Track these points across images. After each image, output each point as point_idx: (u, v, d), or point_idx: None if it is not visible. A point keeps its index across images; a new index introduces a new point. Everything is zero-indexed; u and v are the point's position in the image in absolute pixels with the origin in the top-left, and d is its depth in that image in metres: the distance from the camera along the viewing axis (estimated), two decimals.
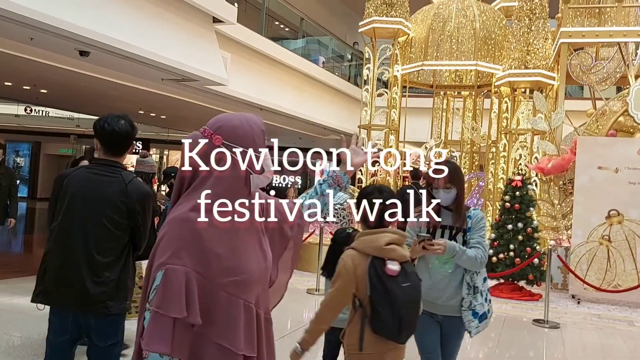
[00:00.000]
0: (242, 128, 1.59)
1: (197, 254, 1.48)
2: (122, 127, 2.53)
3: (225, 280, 1.50)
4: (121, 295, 2.49)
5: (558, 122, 8.25)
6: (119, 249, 2.51)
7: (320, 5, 18.86)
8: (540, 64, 8.74)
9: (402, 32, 9.75)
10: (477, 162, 11.53)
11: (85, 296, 2.42)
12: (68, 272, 2.46)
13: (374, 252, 2.25)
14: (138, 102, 13.14)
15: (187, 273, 1.45)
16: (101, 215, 2.46)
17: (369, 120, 9.92)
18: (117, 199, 2.47)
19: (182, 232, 1.50)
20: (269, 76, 12.50)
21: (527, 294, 7.23)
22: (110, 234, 2.47)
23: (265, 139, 1.63)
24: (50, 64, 8.97)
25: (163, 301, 1.44)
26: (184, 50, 8.98)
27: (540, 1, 8.85)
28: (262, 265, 1.62)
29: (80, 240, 2.46)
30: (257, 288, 1.59)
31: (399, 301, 2.20)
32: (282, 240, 1.78)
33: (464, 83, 11.55)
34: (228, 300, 1.51)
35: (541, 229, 7.75)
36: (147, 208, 2.58)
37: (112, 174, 2.52)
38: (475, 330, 2.76)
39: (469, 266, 2.72)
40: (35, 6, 6.35)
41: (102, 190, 2.48)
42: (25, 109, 17.73)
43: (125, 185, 2.50)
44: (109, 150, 2.56)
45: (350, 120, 14.66)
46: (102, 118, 2.57)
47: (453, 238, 2.78)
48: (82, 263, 2.44)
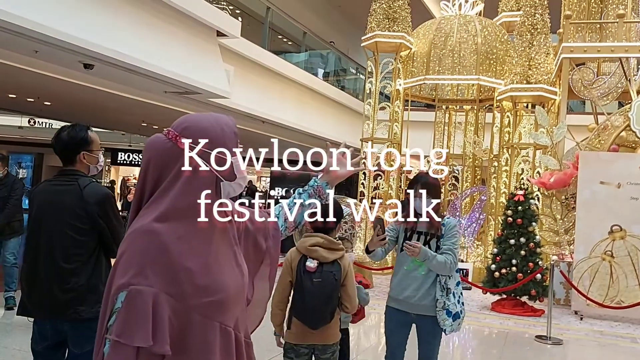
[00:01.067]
0: (212, 130, 1.42)
1: (165, 271, 1.28)
2: (60, 139, 2.66)
3: (200, 302, 1.31)
4: (92, 299, 2.53)
5: (560, 136, 8.25)
6: (85, 254, 2.57)
7: (323, 19, 18.99)
8: (542, 78, 8.77)
9: (404, 47, 9.81)
10: (479, 176, 11.53)
11: (54, 304, 2.51)
12: (37, 282, 2.57)
13: (303, 250, 2.81)
14: (141, 114, 13.19)
15: (155, 295, 1.25)
16: (62, 224, 2.54)
17: (371, 134, 9.94)
18: (75, 205, 2.55)
19: (146, 246, 1.29)
20: (271, 89, 12.57)
21: (530, 309, 7.18)
22: (74, 241, 2.54)
23: (238, 142, 1.47)
24: (54, 76, 9.02)
25: (125, 328, 1.23)
26: (188, 64, 9.03)
27: (541, 16, 8.90)
28: (239, 281, 1.45)
29: (46, 251, 2.56)
30: (234, 308, 1.42)
31: (306, 292, 2.71)
32: (257, 254, 1.62)
33: (466, 97, 11.58)
34: (203, 324, 1.33)
35: (543, 244, 7.71)
36: (107, 209, 2.62)
37: (69, 182, 2.61)
38: (450, 328, 3.02)
39: (439, 270, 3.02)
40: (40, 19, 6.40)
41: (60, 199, 2.58)
42: (29, 121, 17.83)
43: (81, 191, 2.57)
44: (61, 161, 2.70)
45: (352, 134, 14.68)
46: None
47: (427, 243, 3.09)
48: (48, 272, 2.54)
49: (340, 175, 1.77)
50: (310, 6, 18.37)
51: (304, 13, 16.95)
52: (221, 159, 1.41)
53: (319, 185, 1.75)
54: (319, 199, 1.75)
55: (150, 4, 8.33)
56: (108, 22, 7.54)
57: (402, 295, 3.09)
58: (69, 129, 2.68)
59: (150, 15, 8.40)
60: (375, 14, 9.72)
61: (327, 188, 1.76)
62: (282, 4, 14.37)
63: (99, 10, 7.42)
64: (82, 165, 2.68)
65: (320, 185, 1.75)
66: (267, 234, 1.66)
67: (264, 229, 1.66)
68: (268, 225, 1.67)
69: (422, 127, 11.96)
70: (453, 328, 3.03)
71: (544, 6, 8.96)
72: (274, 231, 1.67)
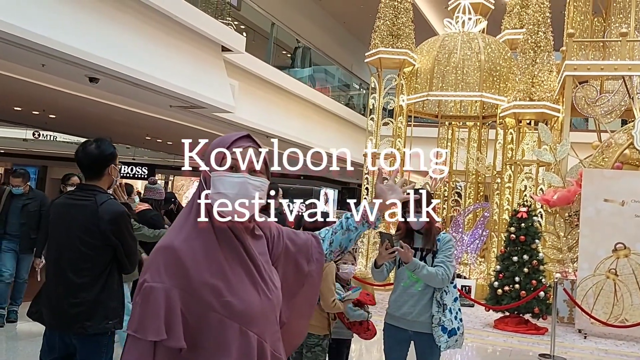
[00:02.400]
0: (212, 145, 1.46)
1: (181, 273, 1.31)
2: (88, 152, 2.64)
3: (216, 300, 1.32)
4: (100, 315, 2.53)
5: (563, 153, 8.25)
6: (96, 270, 2.57)
7: (327, 35, 19.14)
8: (545, 96, 8.80)
9: (407, 63, 9.86)
10: (482, 193, 11.51)
11: (63, 317, 2.52)
12: (49, 294, 2.60)
13: None
14: (145, 128, 13.25)
15: (168, 290, 1.28)
16: (75, 238, 2.56)
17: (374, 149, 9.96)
18: (88, 221, 2.56)
19: (166, 257, 1.34)
20: (275, 104, 12.63)
21: (533, 327, 7.12)
22: (85, 256, 2.55)
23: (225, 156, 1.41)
24: (60, 89, 9.09)
25: (140, 323, 1.27)
26: (193, 78, 9.10)
27: (545, 34, 8.96)
28: (267, 297, 1.42)
29: (57, 264, 2.59)
30: (260, 321, 1.39)
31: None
32: (298, 276, 1.57)
33: (469, 114, 11.61)
34: (220, 322, 1.32)
35: (547, 262, 7.67)
36: (121, 227, 2.62)
37: (87, 198, 2.61)
38: (445, 344, 2.99)
39: (430, 282, 3.01)
40: (48, 33, 6.47)
41: (76, 214, 2.60)
42: (34, 134, 17.91)
43: (97, 208, 2.57)
44: (85, 175, 2.69)
45: (355, 149, 14.72)
46: (81, 143, 2.72)
47: (423, 259, 3.09)
48: (59, 285, 2.56)
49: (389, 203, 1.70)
50: (315, 22, 18.53)
51: (308, 29, 17.09)
52: (207, 174, 1.43)
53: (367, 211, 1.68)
54: (367, 224, 1.67)
55: (156, 18, 8.42)
56: (114, 36, 7.62)
57: (400, 312, 3.09)
58: (96, 143, 2.67)
59: (156, 30, 8.49)
60: (379, 30, 9.80)
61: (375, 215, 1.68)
62: (286, 20, 14.51)
63: (105, 25, 7.49)
64: (108, 178, 2.70)
65: (368, 210, 1.68)
66: (310, 256, 1.60)
67: (307, 251, 1.60)
68: (311, 246, 1.61)
69: (425, 143, 11.97)
70: (449, 345, 3.01)
71: (547, 24, 9.02)
72: (318, 255, 1.61)
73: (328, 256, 1.65)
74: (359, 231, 1.67)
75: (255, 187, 1.41)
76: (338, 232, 1.66)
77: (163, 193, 5.27)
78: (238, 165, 1.41)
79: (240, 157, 1.41)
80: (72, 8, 7.01)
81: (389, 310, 3.18)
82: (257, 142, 1.46)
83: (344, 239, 1.66)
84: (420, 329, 3.04)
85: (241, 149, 1.42)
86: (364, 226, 1.67)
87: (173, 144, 16.52)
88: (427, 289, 3.06)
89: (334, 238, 1.66)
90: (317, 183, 23.35)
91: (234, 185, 1.39)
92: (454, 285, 3.13)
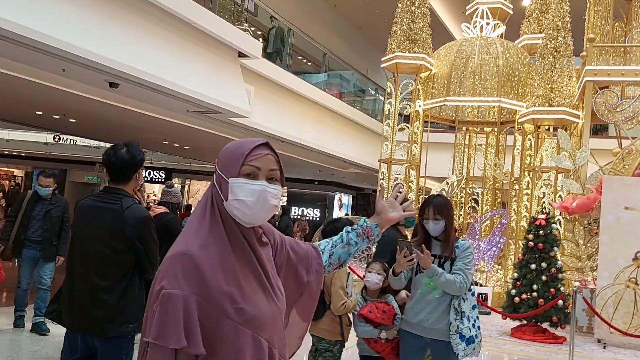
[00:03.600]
0: (227, 149, 1.45)
1: (195, 278, 1.31)
2: (120, 157, 2.65)
3: (231, 307, 1.33)
4: (121, 318, 2.54)
5: (583, 160, 8.14)
6: (119, 273, 2.58)
7: (343, 40, 19.18)
8: (564, 101, 8.70)
9: (424, 68, 9.82)
10: (500, 199, 11.40)
11: (85, 319, 2.54)
12: (72, 295, 2.61)
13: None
14: (163, 132, 13.38)
15: (186, 297, 1.29)
16: (99, 241, 2.57)
17: (390, 155, 9.92)
18: (114, 225, 2.58)
19: (182, 263, 1.34)
20: (290, 109, 12.67)
21: (551, 336, 7.02)
22: (109, 259, 2.56)
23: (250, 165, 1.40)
24: (80, 94, 9.22)
25: (161, 331, 1.28)
26: (210, 83, 9.17)
27: (564, 39, 8.86)
28: (275, 304, 1.44)
29: (82, 265, 2.60)
30: (270, 327, 1.41)
31: None
32: (297, 285, 1.60)
33: (487, 119, 11.52)
34: (234, 329, 1.33)
35: (565, 270, 7.56)
36: (145, 232, 2.63)
37: (113, 201, 2.63)
38: (463, 352, 2.96)
39: (447, 289, 2.98)
40: (69, 39, 6.57)
41: (101, 217, 2.61)
42: (54, 138, 18.19)
43: (122, 212, 2.59)
44: (113, 179, 2.70)
45: (370, 154, 14.70)
46: (109, 147, 2.72)
47: (441, 266, 3.05)
48: (82, 287, 2.57)
49: (391, 219, 1.72)
50: (330, 27, 18.58)
51: (324, 34, 17.15)
52: (223, 180, 1.41)
53: (368, 226, 1.70)
54: (367, 240, 1.70)
55: (175, 24, 8.51)
56: (134, 42, 7.72)
57: (416, 319, 3.05)
58: (127, 148, 2.68)
59: (175, 36, 8.58)
60: (396, 35, 9.78)
61: (377, 230, 1.71)
62: (302, 25, 14.57)
63: (125, 31, 7.59)
64: (134, 182, 2.72)
65: (369, 226, 1.70)
66: (310, 267, 1.63)
67: (307, 261, 1.62)
68: (311, 257, 1.64)
69: (442, 148, 11.91)
70: (467, 352, 2.97)
71: (566, 29, 8.92)
72: (317, 266, 1.63)
73: (327, 268, 1.66)
74: (358, 246, 1.69)
75: (272, 195, 1.43)
76: (338, 245, 1.69)
77: (180, 196, 5.30)
78: (257, 173, 1.41)
79: (259, 164, 1.41)
80: (93, 14, 7.11)
81: (405, 317, 3.16)
82: (273, 149, 1.47)
83: (343, 253, 1.68)
84: (437, 336, 3.01)
85: (260, 156, 1.42)
86: (364, 241, 1.69)
87: (190, 148, 16.65)
88: (444, 296, 3.03)
89: (333, 251, 1.68)
90: (332, 188, 23.35)
91: (253, 193, 1.39)
92: (472, 293, 3.09)
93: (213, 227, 1.39)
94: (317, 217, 22.04)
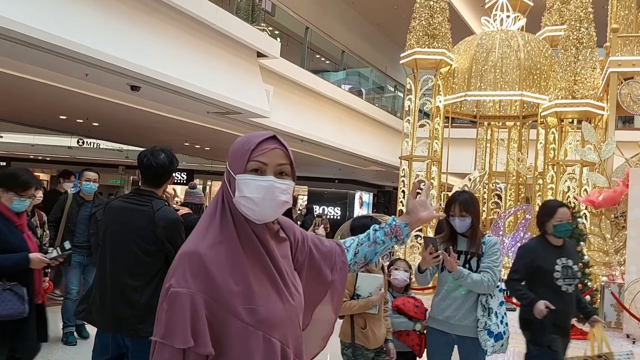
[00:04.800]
0: (235, 145, 1.41)
1: (206, 279, 1.29)
2: (160, 162, 2.69)
3: (241, 308, 1.30)
4: (151, 318, 2.53)
5: (608, 153, 7.99)
6: (149, 274, 2.61)
7: (361, 38, 19.12)
8: (588, 93, 8.54)
9: (444, 63, 9.74)
10: (523, 195, 11.26)
11: (116, 318, 2.58)
12: (103, 295, 2.65)
13: None
14: (184, 134, 13.51)
15: (193, 296, 1.26)
16: (130, 242, 2.61)
17: (411, 152, 9.86)
18: (145, 227, 2.61)
19: (191, 262, 1.32)
20: (310, 108, 12.68)
21: (578, 332, 6.88)
22: (140, 260, 2.60)
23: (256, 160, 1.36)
24: (103, 98, 9.36)
25: (167, 329, 1.25)
26: (229, 84, 9.22)
27: (587, 30, 8.70)
28: (290, 302, 1.39)
29: (113, 265, 2.64)
30: (283, 327, 1.36)
31: None
32: (321, 284, 1.54)
33: (509, 113, 11.38)
34: (244, 330, 1.30)
35: (592, 264, 7.43)
36: (174, 234, 2.66)
37: (144, 203, 2.67)
38: (492, 349, 2.94)
39: (475, 288, 2.95)
40: (91, 44, 6.67)
41: (132, 218, 2.64)
42: (78, 141, 18.48)
43: (153, 213, 2.62)
44: (147, 182, 2.73)
45: (391, 151, 14.63)
46: (146, 151, 2.74)
47: (468, 263, 3.03)
48: (114, 287, 2.61)
49: (422, 219, 1.65)
50: (348, 25, 18.54)
51: (342, 32, 17.12)
52: (231, 176, 1.38)
53: (397, 225, 1.63)
54: (395, 239, 1.63)
55: (194, 26, 8.57)
56: (154, 45, 7.80)
57: (443, 316, 3.04)
58: (165, 153, 2.71)
59: (193, 38, 8.64)
60: (415, 30, 9.70)
61: (406, 230, 1.64)
62: (320, 24, 14.56)
63: (145, 34, 7.68)
64: (166, 186, 2.78)
65: (398, 225, 1.63)
66: (334, 265, 1.57)
67: (331, 259, 1.57)
68: (335, 254, 1.58)
69: (464, 144, 11.81)
70: (495, 349, 2.95)
71: (589, 20, 8.76)
72: (341, 264, 1.58)
73: (352, 267, 1.61)
74: (385, 245, 1.63)
75: (281, 191, 1.37)
76: (364, 243, 1.63)
77: (203, 197, 5.34)
78: (264, 168, 1.36)
79: (266, 159, 1.36)
80: (113, 19, 7.21)
81: (431, 313, 3.15)
82: (282, 142, 1.41)
83: (369, 252, 1.63)
84: (463, 332, 2.99)
85: (267, 151, 1.37)
86: (391, 240, 1.63)
87: (211, 149, 16.79)
88: (470, 293, 3.01)
89: (359, 249, 1.63)
90: (352, 186, 23.30)
91: (260, 189, 1.34)
92: (500, 289, 3.06)
93: (223, 225, 1.36)
94: (337, 215, 22.02)
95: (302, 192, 27.49)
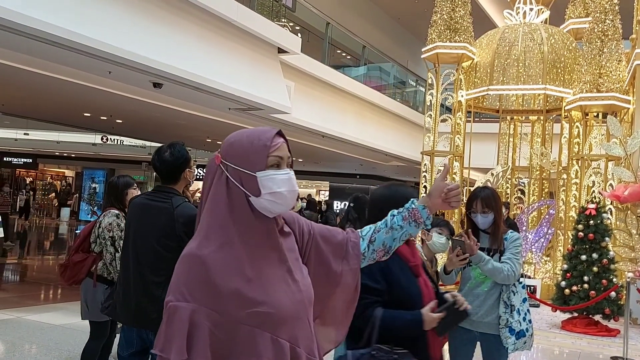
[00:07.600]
0: (239, 143, 1.39)
1: (207, 288, 1.28)
2: (164, 159, 2.71)
3: (245, 313, 1.28)
4: None
5: (635, 147, 7.84)
6: (170, 269, 2.60)
7: (382, 32, 19.02)
8: (613, 87, 8.38)
9: (466, 57, 9.64)
10: (547, 189, 11.11)
11: (140, 313, 2.63)
12: (127, 290, 2.70)
13: None
14: (206, 130, 13.63)
15: (193, 311, 1.27)
16: (152, 238, 2.65)
17: (432, 147, 9.80)
18: (165, 223, 2.65)
19: (190, 269, 1.32)
20: (331, 104, 12.68)
21: (604, 329, 6.81)
22: (161, 255, 2.64)
23: (274, 155, 1.37)
24: (126, 95, 9.50)
25: (165, 343, 1.27)
26: (251, 81, 9.28)
27: (612, 22, 8.53)
28: (298, 297, 1.36)
29: (136, 262, 2.69)
30: (291, 324, 1.33)
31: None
32: (330, 277, 1.48)
33: (532, 107, 11.22)
34: (250, 333, 1.28)
35: (618, 260, 7.31)
36: (193, 230, 2.66)
37: (164, 200, 2.70)
38: (513, 346, 2.91)
39: (493, 276, 2.92)
40: (114, 42, 6.78)
41: (153, 215, 2.69)
42: (102, 138, 18.80)
43: (172, 210, 2.66)
44: (162, 179, 2.78)
45: (412, 147, 14.56)
46: (157, 149, 2.79)
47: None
48: (137, 282, 2.66)
49: (436, 204, 1.54)
50: (369, 20, 18.46)
51: (363, 27, 17.05)
52: (246, 174, 1.36)
53: (415, 208, 1.52)
54: (414, 223, 1.52)
55: (215, 23, 8.64)
56: (177, 42, 7.88)
57: None
58: (170, 150, 2.74)
59: (215, 35, 8.71)
60: (436, 25, 9.63)
61: (425, 212, 1.52)
62: (341, 19, 14.53)
63: (168, 32, 7.77)
64: (184, 181, 2.79)
65: (416, 208, 1.52)
66: (346, 254, 1.50)
67: (341, 248, 1.50)
68: (347, 244, 1.51)
69: (486, 139, 11.68)
70: (517, 347, 2.92)
71: (614, 11, 8.58)
72: (354, 253, 1.50)
73: (369, 255, 1.53)
74: (404, 230, 1.52)
75: (295, 182, 1.42)
76: (382, 230, 1.54)
77: None
78: (281, 162, 1.38)
79: (281, 153, 1.38)
80: (136, 18, 7.31)
81: None
82: (284, 136, 1.44)
83: (387, 238, 1.53)
84: (486, 329, 2.97)
85: (279, 145, 1.39)
86: (410, 225, 1.52)
87: None
88: (493, 290, 2.99)
89: (376, 236, 1.53)
90: (374, 182, 23.25)
91: (284, 182, 1.36)
92: (523, 286, 3.03)
93: (229, 224, 1.34)
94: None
95: (323, 187, 27.51)
